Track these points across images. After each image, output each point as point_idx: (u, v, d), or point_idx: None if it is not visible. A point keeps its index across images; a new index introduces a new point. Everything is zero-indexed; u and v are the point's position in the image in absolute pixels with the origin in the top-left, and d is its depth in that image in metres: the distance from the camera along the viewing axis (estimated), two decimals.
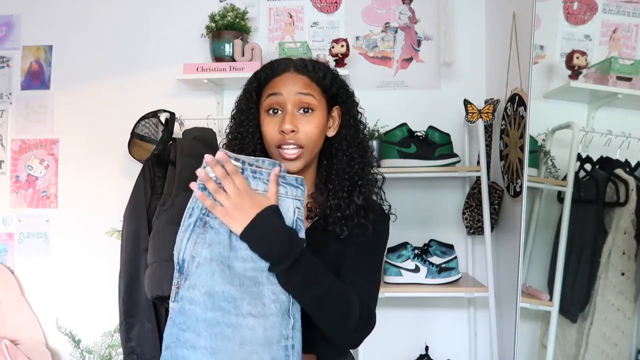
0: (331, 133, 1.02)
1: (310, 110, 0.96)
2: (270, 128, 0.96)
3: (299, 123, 0.94)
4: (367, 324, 0.93)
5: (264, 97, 0.98)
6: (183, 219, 0.83)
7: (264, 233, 0.84)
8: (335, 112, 1.02)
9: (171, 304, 0.80)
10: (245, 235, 0.83)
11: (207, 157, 0.84)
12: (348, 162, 0.99)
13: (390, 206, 1.06)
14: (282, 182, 0.88)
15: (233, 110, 1.05)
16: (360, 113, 1.06)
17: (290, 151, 0.94)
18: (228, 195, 0.84)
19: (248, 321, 0.80)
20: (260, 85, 1.00)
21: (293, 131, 0.93)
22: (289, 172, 0.91)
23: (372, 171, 1.03)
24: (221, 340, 0.78)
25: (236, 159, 0.86)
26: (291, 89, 0.95)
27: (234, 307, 0.80)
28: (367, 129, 1.08)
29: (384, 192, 1.06)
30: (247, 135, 0.99)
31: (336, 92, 1.01)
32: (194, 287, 0.80)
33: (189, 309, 0.79)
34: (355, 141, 1.01)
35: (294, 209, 0.87)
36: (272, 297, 0.82)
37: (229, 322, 0.79)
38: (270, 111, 0.96)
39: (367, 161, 1.02)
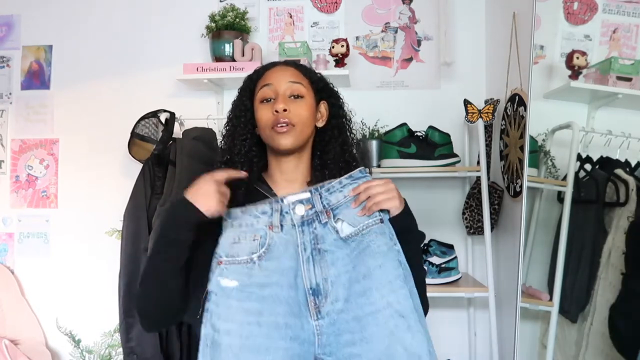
0: (320, 124, 1.09)
1: (300, 97, 1.04)
2: (264, 113, 1.03)
3: (290, 105, 1.02)
4: None
5: (257, 89, 1.06)
6: (300, 256, 0.93)
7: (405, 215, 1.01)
8: (322, 107, 1.10)
9: (315, 322, 0.90)
10: (406, 209, 1.01)
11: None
12: (341, 147, 1.08)
13: None
14: (352, 180, 0.98)
15: (229, 111, 1.12)
16: (345, 110, 1.13)
17: (282, 127, 1.01)
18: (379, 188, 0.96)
19: (382, 303, 0.89)
20: (253, 81, 1.08)
21: (285, 110, 1.00)
22: (281, 148, 1.02)
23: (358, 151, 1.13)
24: (369, 328, 0.89)
25: (304, 192, 0.97)
26: (282, 79, 1.04)
27: (367, 298, 0.90)
28: (354, 123, 1.15)
29: None
30: (239, 124, 1.07)
31: (322, 87, 1.10)
32: (336, 300, 0.90)
33: (338, 317, 0.90)
34: (345, 128, 1.10)
35: None
36: (394, 274, 0.92)
37: (369, 311, 0.89)
38: (264, 101, 1.04)
39: (356, 146, 1.12)
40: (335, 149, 1.07)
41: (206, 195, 0.92)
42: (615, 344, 1.35)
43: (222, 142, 1.10)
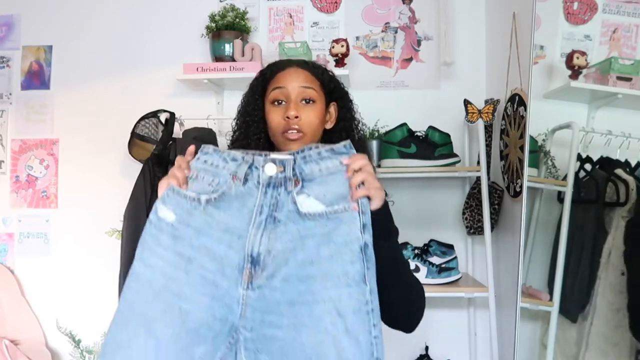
0: (329, 125, 1.10)
1: (311, 102, 1.04)
2: (275, 116, 1.04)
3: (301, 111, 1.02)
4: (424, 307, 1.02)
5: (269, 90, 1.06)
6: (252, 218, 0.86)
7: (387, 207, 0.95)
8: (332, 108, 1.10)
9: (244, 292, 0.83)
10: (384, 206, 0.92)
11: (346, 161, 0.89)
12: None
13: (386, 193, 1.11)
14: (332, 154, 0.89)
15: (239, 105, 1.12)
16: (355, 110, 1.13)
17: (293, 134, 1.02)
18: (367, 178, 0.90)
19: (323, 296, 0.82)
20: (265, 80, 1.08)
21: (297, 117, 1.01)
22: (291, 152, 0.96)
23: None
24: (302, 317, 0.82)
25: (289, 153, 0.90)
26: (294, 84, 1.04)
27: (307, 286, 0.83)
28: (362, 124, 1.14)
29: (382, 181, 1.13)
30: (252, 124, 1.07)
31: (333, 89, 1.10)
32: (272, 277, 0.83)
33: (270, 294, 0.83)
34: (352, 131, 1.10)
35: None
36: (344, 269, 0.83)
37: (306, 300, 0.82)
38: (275, 102, 1.05)
39: (364, 150, 1.08)
40: None
41: (161, 189, 0.91)
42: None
43: (233, 136, 1.11)
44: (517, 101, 1.62)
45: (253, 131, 1.06)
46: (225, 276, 0.84)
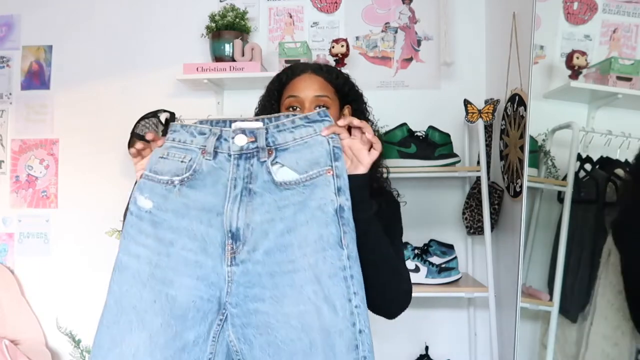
0: None
1: (324, 108, 1.01)
2: None
3: None
4: (409, 296, 0.99)
5: (284, 97, 1.10)
6: (227, 193, 0.84)
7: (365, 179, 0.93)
8: (347, 111, 1.13)
9: (228, 268, 0.83)
10: (366, 177, 0.92)
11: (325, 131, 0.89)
12: None
13: (398, 193, 1.16)
14: (307, 122, 0.88)
15: (256, 108, 1.17)
16: (369, 112, 1.18)
17: None
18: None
19: (302, 263, 0.81)
20: (281, 85, 1.12)
21: None
22: None
23: (379, 163, 1.11)
24: (283, 288, 0.81)
25: (257, 120, 0.88)
26: (308, 92, 1.07)
27: (287, 255, 0.82)
28: (376, 126, 1.17)
29: (390, 181, 1.16)
30: None
31: (347, 92, 1.13)
32: (253, 250, 0.83)
33: (253, 268, 0.82)
34: None
35: (327, 140, 0.88)
36: (319, 233, 0.82)
37: (286, 269, 0.81)
38: (290, 109, 1.09)
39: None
40: None
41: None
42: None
43: None
44: (517, 101, 1.62)
45: None
46: (209, 255, 0.83)
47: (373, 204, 0.95)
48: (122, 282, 0.85)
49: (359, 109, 1.14)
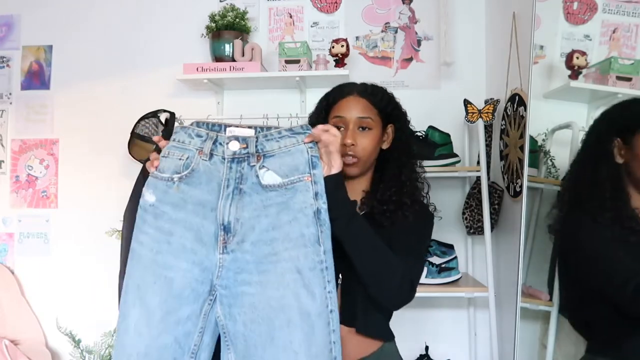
0: (385, 146, 1.20)
1: (367, 129, 1.15)
2: None
3: (357, 138, 1.14)
4: (407, 292, 1.06)
5: (331, 116, 1.18)
6: (221, 191, 0.97)
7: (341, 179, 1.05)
8: (390, 129, 1.20)
9: (220, 256, 0.96)
10: (339, 175, 1.03)
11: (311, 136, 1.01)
12: (399, 169, 1.18)
13: (435, 207, 1.24)
14: (291, 134, 1.00)
15: (308, 122, 1.22)
16: (411, 130, 1.27)
17: (349, 159, 1.13)
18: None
19: (284, 255, 0.95)
20: (329, 105, 1.20)
21: (353, 144, 1.12)
22: (347, 176, 1.10)
23: (418, 178, 1.22)
24: (267, 274, 0.95)
25: (250, 128, 1.01)
26: (352, 113, 1.15)
27: (272, 248, 0.96)
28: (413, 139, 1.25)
29: (429, 196, 1.25)
30: None
31: (391, 112, 1.20)
32: (242, 241, 0.96)
33: (242, 257, 0.96)
34: (405, 153, 1.20)
35: (306, 149, 1.00)
36: (301, 232, 0.96)
37: (271, 260, 0.95)
38: (336, 126, 1.12)
39: (413, 169, 1.21)
40: (393, 169, 1.18)
41: None
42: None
43: None
44: (517, 101, 1.62)
45: None
46: (203, 244, 0.96)
47: (349, 201, 1.06)
48: (131, 265, 0.98)
49: (401, 128, 1.21)
